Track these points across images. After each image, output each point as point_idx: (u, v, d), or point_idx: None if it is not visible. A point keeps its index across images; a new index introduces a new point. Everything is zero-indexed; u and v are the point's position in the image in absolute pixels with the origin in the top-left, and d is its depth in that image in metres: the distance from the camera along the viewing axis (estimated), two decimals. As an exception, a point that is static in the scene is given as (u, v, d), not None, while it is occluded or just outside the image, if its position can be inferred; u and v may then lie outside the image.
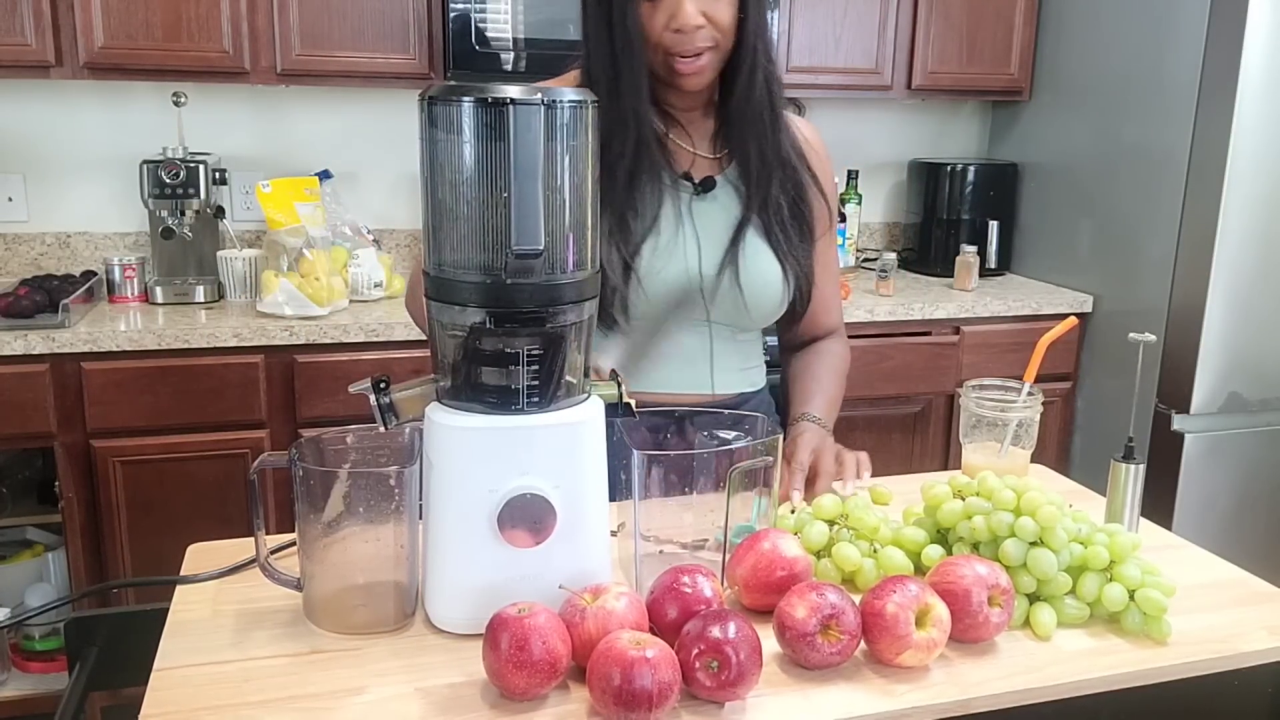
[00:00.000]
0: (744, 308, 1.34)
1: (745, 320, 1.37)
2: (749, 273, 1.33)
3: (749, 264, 1.33)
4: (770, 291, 1.35)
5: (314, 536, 0.95)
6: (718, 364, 1.37)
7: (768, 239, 1.35)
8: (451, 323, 0.92)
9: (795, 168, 1.38)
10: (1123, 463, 1.15)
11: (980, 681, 0.90)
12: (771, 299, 1.36)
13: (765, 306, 1.36)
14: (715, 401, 1.36)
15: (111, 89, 2.64)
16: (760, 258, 1.34)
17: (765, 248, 1.35)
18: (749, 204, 1.34)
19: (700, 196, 1.34)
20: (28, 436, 2.20)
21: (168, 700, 0.85)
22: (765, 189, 1.35)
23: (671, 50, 1.23)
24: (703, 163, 1.36)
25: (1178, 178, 2.56)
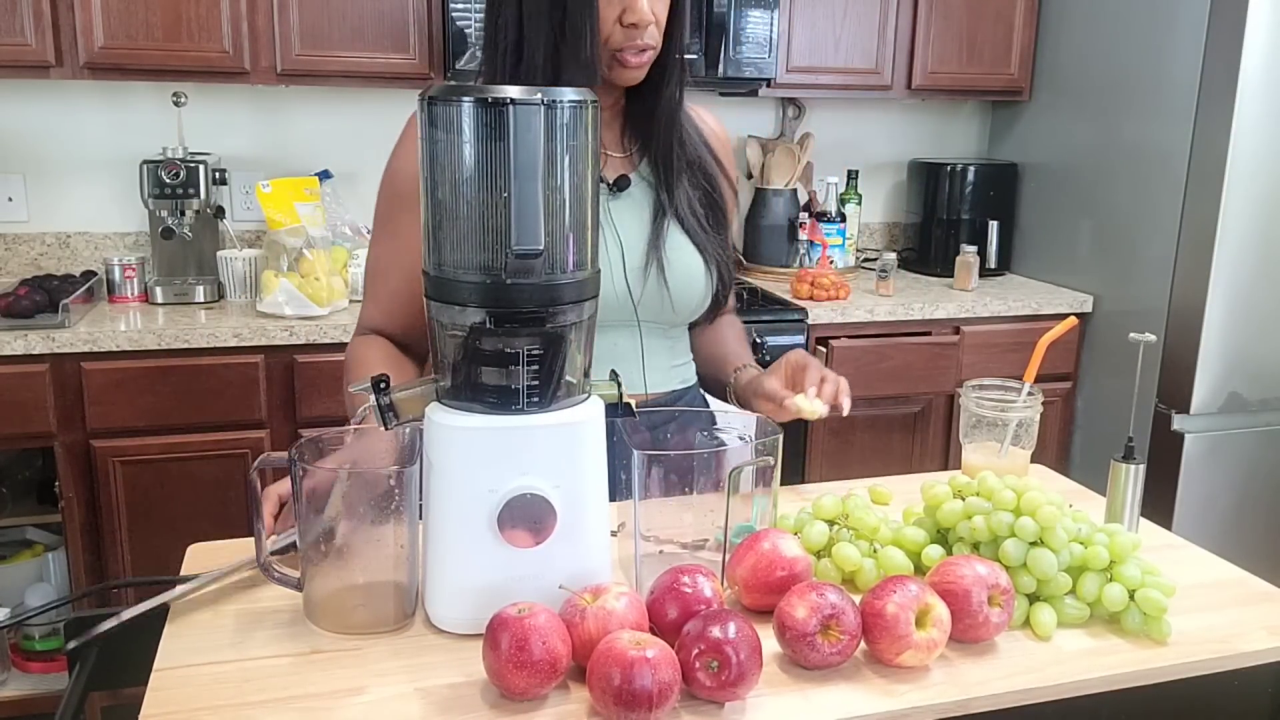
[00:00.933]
0: (670, 303, 1.33)
1: (672, 316, 1.36)
2: (673, 267, 1.32)
3: (672, 259, 1.32)
4: (695, 285, 1.34)
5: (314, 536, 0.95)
6: (649, 363, 1.35)
7: (686, 233, 1.34)
8: (451, 323, 0.92)
9: (704, 159, 1.38)
10: (1123, 463, 1.15)
11: (980, 681, 0.90)
12: (696, 292, 1.35)
13: (691, 300, 1.35)
14: (649, 400, 1.34)
15: (111, 89, 2.64)
16: (682, 252, 1.33)
17: (685, 241, 1.34)
18: (665, 199, 1.33)
19: (615, 196, 1.33)
20: (28, 436, 2.20)
21: (168, 700, 0.85)
22: (679, 183, 1.34)
23: (622, 45, 1.22)
24: (613, 161, 1.35)
25: (1178, 178, 2.56)
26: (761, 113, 3.16)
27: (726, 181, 1.41)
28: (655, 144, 1.33)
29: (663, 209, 1.33)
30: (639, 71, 1.25)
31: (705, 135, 1.41)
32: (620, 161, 1.36)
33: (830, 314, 2.63)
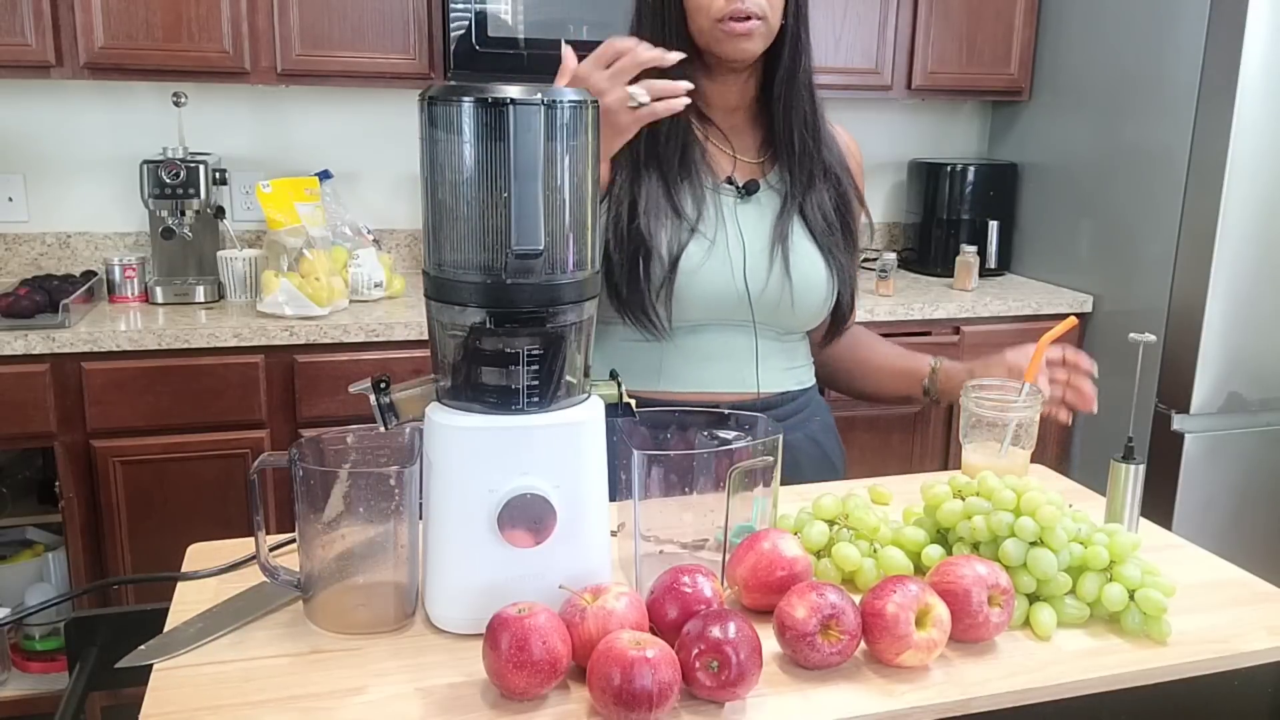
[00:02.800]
0: (790, 305, 1.34)
1: (790, 320, 1.37)
2: (796, 270, 1.33)
3: (796, 261, 1.33)
4: (816, 289, 1.36)
5: (313, 536, 0.95)
6: (763, 364, 1.37)
7: (813, 237, 1.36)
8: (451, 323, 0.92)
9: (839, 176, 1.40)
10: (1122, 463, 1.15)
11: (980, 681, 0.90)
12: (817, 297, 1.36)
13: (811, 305, 1.37)
14: (760, 400, 1.36)
15: (111, 89, 2.64)
16: (806, 255, 1.35)
17: (811, 246, 1.35)
18: (792, 202, 1.35)
19: (743, 200, 1.35)
20: (28, 436, 2.20)
21: (168, 700, 0.85)
22: (808, 188, 1.36)
23: (724, 13, 1.24)
24: (744, 167, 1.38)
25: (1178, 178, 2.56)
26: (761, 113, 3.16)
27: (858, 199, 1.43)
28: (790, 139, 1.35)
29: (789, 206, 1.35)
30: (747, 43, 1.27)
31: (843, 156, 1.43)
32: (751, 168, 1.38)
33: (830, 314, 2.63)
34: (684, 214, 1.30)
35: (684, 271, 1.29)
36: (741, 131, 1.38)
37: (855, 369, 1.52)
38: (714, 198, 1.33)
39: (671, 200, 1.30)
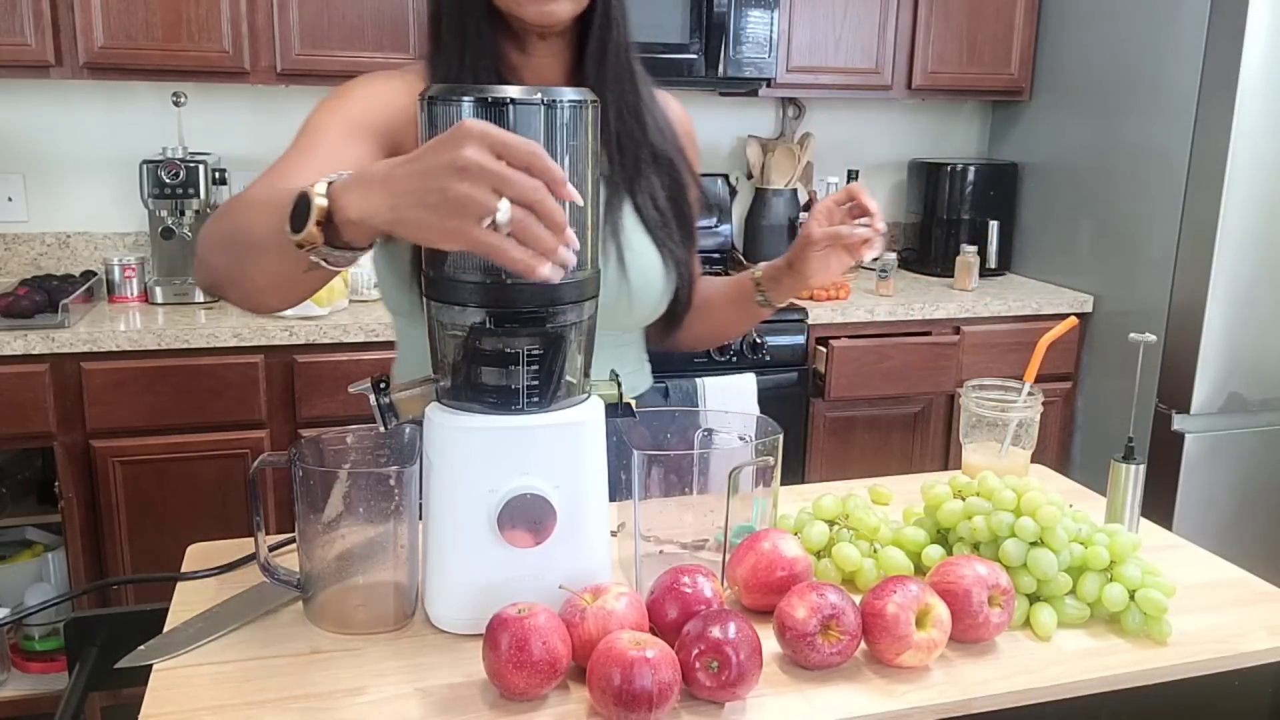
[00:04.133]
0: (628, 305, 1.23)
1: (626, 320, 1.26)
2: (632, 267, 1.21)
3: (631, 258, 1.21)
4: (653, 286, 1.25)
5: (313, 536, 0.95)
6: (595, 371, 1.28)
7: (647, 230, 1.25)
8: (451, 323, 0.92)
9: (671, 160, 1.27)
10: (1123, 463, 1.15)
11: (980, 682, 0.90)
12: (654, 295, 1.26)
13: (648, 303, 1.26)
14: None
15: (111, 89, 2.64)
16: (641, 252, 1.23)
17: (645, 240, 1.24)
18: (621, 193, 1.23)
19: None
20: (27, 436, 2.20)
21: (168, 700, 0.85)
22: (636, 175, 1.24)
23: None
24: None
25: (1178, 178, 2.56)
26: (761, 113, 3.16)
27: (692, 178, 1.32)
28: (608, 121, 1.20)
29: (618, 195, 1.22)
30: (551, 3, 1.12)
31: (676, 132, 1.31)
32: None
33: (830, 314, 2.63)
34: None
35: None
36: None
37: (689, 318, 1.36)
38: None
39: None
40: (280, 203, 0.86)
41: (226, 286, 1.00)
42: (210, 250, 1.00)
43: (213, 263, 1.00)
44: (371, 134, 1.13)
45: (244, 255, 0.94)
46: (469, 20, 1.16)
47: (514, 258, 0.76)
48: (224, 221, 0.99)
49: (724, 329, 1.43)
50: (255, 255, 0.92)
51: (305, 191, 0.82)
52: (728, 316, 1.40)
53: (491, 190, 0.74)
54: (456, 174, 0.74)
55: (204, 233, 1.02)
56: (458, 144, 0.74)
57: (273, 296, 0.98)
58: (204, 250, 1.01)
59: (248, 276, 0.96)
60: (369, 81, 1.19)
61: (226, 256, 0.97)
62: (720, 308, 1.39)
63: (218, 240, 0.99)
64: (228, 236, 0.97)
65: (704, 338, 1.44)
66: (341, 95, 1.17)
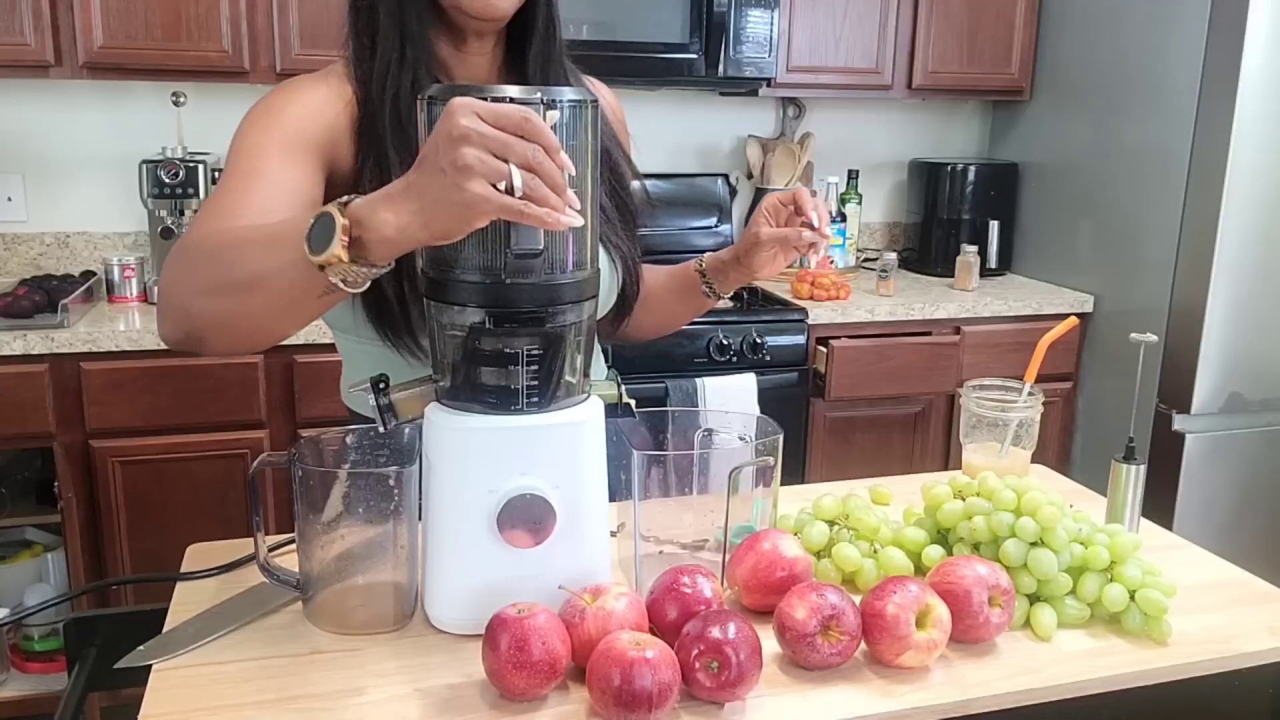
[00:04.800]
0: None
1: None
2: None
3: None
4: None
5: (313, 537, 0.95)
6: None
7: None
8: (451, 323, 0.92)
9: (609, 150, 1.25)
10: (1123, 463, 1.15)
11: (981, 682, 0.90)
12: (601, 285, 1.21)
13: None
14: None
15: (111, 89, 2.64)
16: None
17: None
18: None
19: None
20: (27, 436, 2.19)
21: (168, 700, 0.85)
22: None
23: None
24: None
25: (1178, 178, 2.56)
26: (761, 112, 3.16)
27: (629, 167, 1.30)
28: None
29: None
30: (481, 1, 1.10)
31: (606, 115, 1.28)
32: None
33: (830, 314, 2.63)
34: None
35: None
36: None
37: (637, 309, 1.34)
38: None
39: None
40: (273, 235, 0.88)
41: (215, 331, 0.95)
42: (191, 299, 0.95)
43: (196, 310, 0.94)
44: (309, 150, 1.09)
45: (242, 293, 0.91)
46: (409, 15, 1.13)
47: (537, 215, 0.78)
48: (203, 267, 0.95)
49: (670, 319, 1.41)
50: (256, 290, 0.90)
51: (328, 212, 0.82)
52: (673, 307, 1.39)
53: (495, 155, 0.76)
54: (459, 143, 0.76)
55: (173, 283, 0.97)
56: (452, 120, 0.77)
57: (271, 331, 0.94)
58: (181, 300, 0.96)
59: (248, 314, 0.92)
60: (295, 94, 1.14)
61: (216, 300, 0.93)
62: (665, 299, 1.38)
63: (202, 288, 0.94)
64: (215, 280, 0.93)
65: (650, 328, 1.42)
66: (271, 112, 1.12)
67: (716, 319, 2.50)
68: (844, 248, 3.02)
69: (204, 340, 0.96)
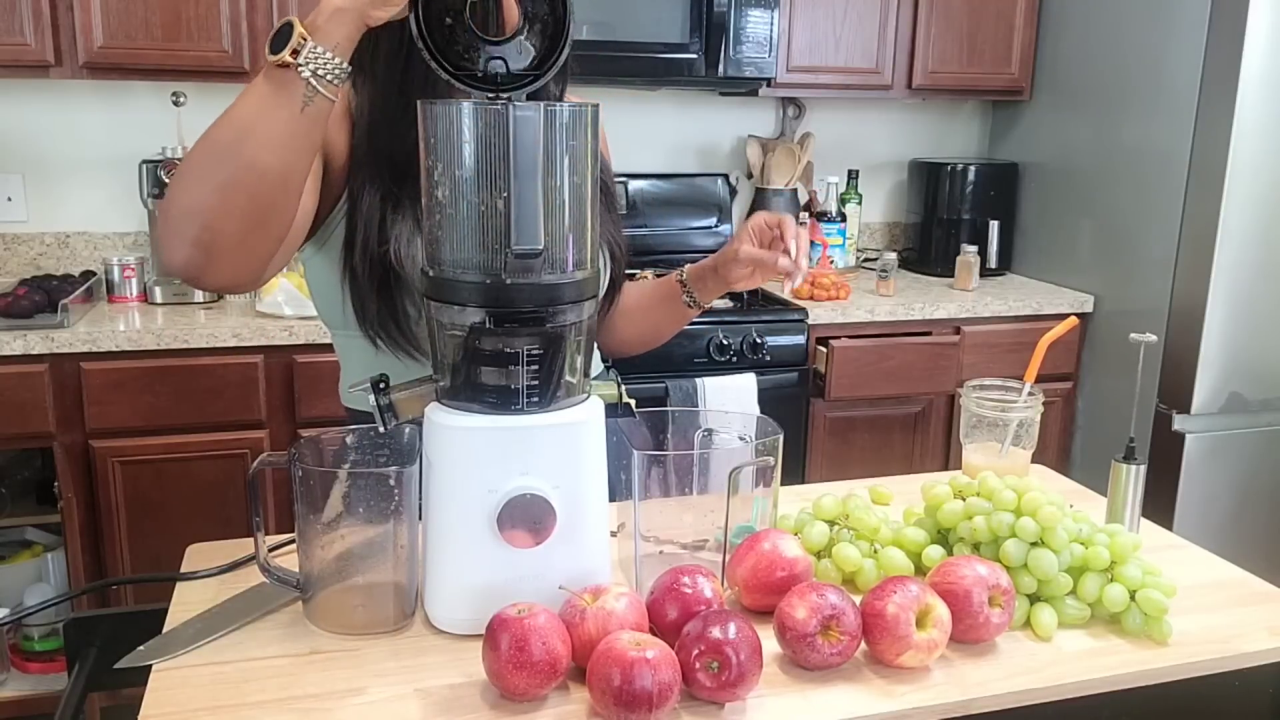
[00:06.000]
0: None
1: None
2: None
3: None
4: None
5: (313, 537, 0.95)
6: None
7: None
8: (451, 323, 0.92)
9: None
10: (1123, 463, 1.15)
11: (981, 682, 0.90)
12: None
13: None
14: None
15: (111, 89, 2.64)
16: None
17: None
18: None
19: None
20: (27, 436, 2.19)
21: (168, 700, 0.85)
22: None
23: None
24: None
25: (1178, 178, 2.56)
26: (762, 112, 3.16)
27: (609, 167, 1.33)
28: None
29: None
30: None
31: None
32: None
33: (830, 314, 2.63)
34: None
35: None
36: None
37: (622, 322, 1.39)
38: None
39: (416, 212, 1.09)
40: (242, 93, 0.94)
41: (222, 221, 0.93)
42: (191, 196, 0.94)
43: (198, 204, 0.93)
44: None
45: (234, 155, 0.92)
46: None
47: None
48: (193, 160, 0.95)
49: (656, 330, 1.43)
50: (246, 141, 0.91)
51: (285, 20, 0.92)
52: (657, 317, 1.41)
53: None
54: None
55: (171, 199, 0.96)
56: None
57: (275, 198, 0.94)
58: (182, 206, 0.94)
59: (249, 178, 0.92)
60: None
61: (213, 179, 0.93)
62: (649, 309, 1.40)
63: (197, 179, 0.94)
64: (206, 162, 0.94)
65: (635, 341, 1.44)
66: None
67: (716, 319, 2.50)
68: (844, 248, 3.02)
69: (214, 244, 0.94)
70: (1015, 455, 1.25)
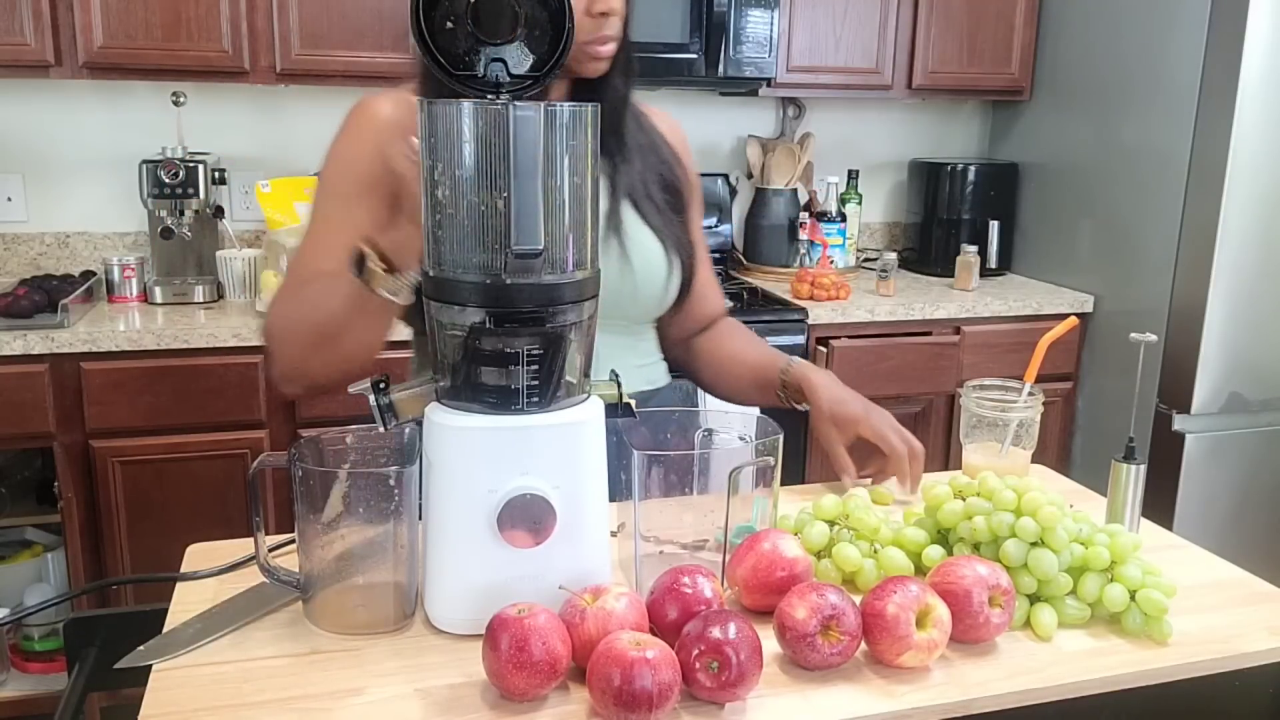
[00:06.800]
0: (633, 294, 1.30)
1: (633, 307, 1.32)
2: (636, 256, 1.28)
3: (632, 248, 1.28)
4: (656, 273, 1.31)
5: (313, 537, 0.95)
6: (609, 364, 1.27)
7: (643, 217, 1.31)
8: (451, 323, 0.92)
9: (655, 144, 1.37)
10: (1123, 463, 1.15)
11: (981, 682, 0.90)
12: (658, 278, 1.32)
13: (653, 287, 1.32)
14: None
15: (111, 89, 2.64)
16: (641, 241, 1.30)
17: (643, 228, 1.31)
18: (620, 187, 1.31)
19: None
20: (27, 436, 2.19)
21: (168, 700, 0.84)
22: (630, 166, 1.32)
23: (590, 37, 1.20)
24: None
25: (1178, 178, 2.56)
26: (761, 112, 3.16)
27: (685, 174, 1.39)
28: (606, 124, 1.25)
29: (618, 192, 1.30)
30: (604, 64, 1.24)
31: (660, 128, 1.40)
32: None
33: (830, 314, 2.63)
34: None
35: None
36: None
37: (709, 371, 1.46)
38: None
39: None
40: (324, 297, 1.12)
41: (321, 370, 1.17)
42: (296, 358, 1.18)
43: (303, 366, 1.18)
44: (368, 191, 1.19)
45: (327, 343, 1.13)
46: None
47: None
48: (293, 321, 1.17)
49: (737, 399, 1.47)
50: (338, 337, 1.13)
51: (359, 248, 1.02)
52: (746, 393, 1.45)
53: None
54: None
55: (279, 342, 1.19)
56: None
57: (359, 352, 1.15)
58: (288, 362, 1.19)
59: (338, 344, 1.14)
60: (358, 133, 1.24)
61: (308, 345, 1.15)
62: (743, 378, 1.44)
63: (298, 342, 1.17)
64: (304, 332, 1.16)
65: (718, 392, 1.50)
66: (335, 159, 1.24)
67: (716, 319, 2.50)
68: (844, 248, 3.02)
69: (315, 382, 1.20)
70: (1015, 455, 1.25)
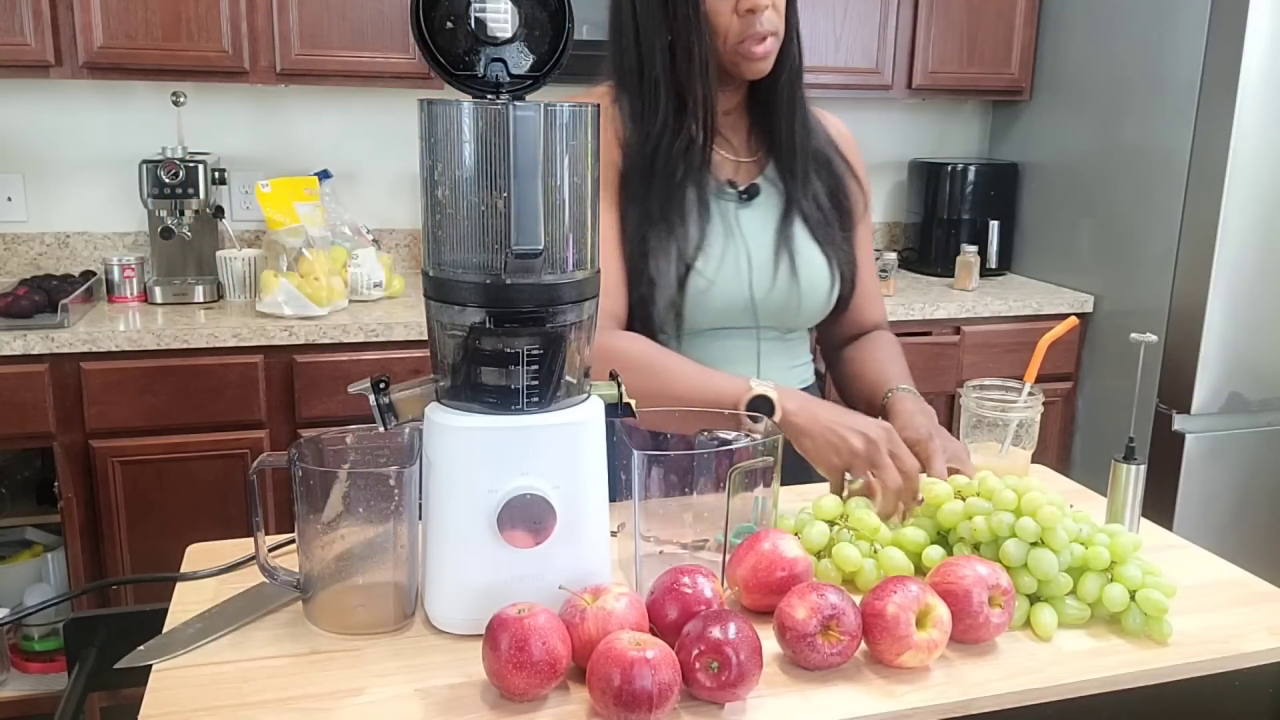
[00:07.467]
0: (797, 306, 1.34)
1: (795, 319, 1.37)
2: (803, 271, 1.33)
3: (800, 263, 1.33)
4: (820, 285, 1.35)
5: (313, 537, 0.95)
6: (765, 364, 1.37)
7: (810, 230, 1.35)
8: (451, 323, 0.92)
9: (830, 157, 1.39)
10: (1124, 463, 1.15)
11: (981, 682, 0.90)
12: (821, 293, 1.36)
13: (816, 301, 1.36)
14: None
15: (111, 89, 2.64)
16: (809, 257, 1.34)
17: (811, 244, 1.35)
18: (791, 199, 1.34)
19: (745, 204, 1.34)
20: (27, 436, 2.20)
21: (167, 700, 0.84)
22: (804, 180, 1.35)
23: (742, 35, 1.23)
24: (744, 168, 1.36)
25: (1178, 178, 2.56)
26: (761, 112, 3.16)
27: (856, 182, 1.42)
28: (780, 136, 1.33)
29: (790, 207, 1.34)
30: (765, 63, 1.25)
31: (831, 135, 1.42)
32: (749, 167, 1.36)
33: (830, 314, 2.62)
34: (689, 239, 1.29)
35: (690, 296, 1.29)
36: (734, 129, 1.36)
37: (846, 379, 1.48)
38: (717, 204, 1.32)
39: (679, 206, 1.28)
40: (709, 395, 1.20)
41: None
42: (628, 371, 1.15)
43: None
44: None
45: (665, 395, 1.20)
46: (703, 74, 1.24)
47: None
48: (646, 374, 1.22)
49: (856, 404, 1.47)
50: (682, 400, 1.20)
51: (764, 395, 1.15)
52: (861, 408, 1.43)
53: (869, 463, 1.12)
54: (871, 442, 1.13)
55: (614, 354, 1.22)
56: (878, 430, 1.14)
57: None
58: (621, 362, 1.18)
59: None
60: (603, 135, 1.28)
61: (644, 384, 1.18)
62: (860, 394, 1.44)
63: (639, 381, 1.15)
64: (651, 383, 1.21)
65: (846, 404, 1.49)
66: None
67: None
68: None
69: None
70: (1015, 455, 1.24)
